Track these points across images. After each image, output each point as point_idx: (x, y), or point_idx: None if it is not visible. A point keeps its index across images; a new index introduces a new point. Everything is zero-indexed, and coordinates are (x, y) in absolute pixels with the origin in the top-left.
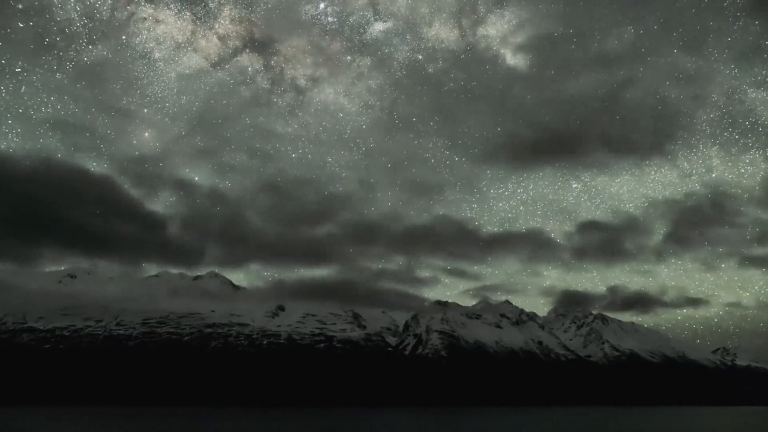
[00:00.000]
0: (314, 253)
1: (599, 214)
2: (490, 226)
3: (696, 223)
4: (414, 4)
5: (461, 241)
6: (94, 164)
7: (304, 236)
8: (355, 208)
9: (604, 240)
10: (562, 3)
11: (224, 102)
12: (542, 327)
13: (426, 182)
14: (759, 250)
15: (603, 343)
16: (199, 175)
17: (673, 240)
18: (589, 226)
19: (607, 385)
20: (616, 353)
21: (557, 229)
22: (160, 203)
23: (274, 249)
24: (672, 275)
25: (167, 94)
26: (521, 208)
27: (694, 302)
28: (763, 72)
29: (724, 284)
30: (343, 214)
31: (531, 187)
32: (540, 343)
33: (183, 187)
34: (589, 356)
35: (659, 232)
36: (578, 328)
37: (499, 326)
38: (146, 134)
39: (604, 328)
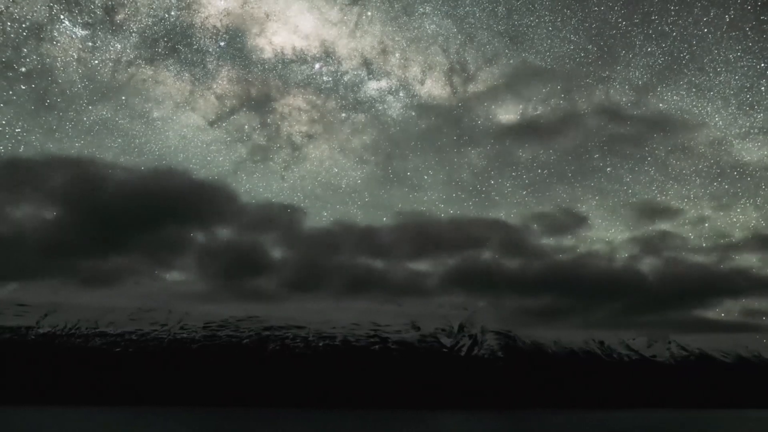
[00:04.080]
0: None
1: None
2: None
3: None
4: (406, 64)
5: None
6: None
7: None
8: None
9: None
10: (550, 59)
11: (221, 159)
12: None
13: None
14: None
15: (669, 342)
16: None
17: None
18: None
19: (675, 387)
20: (684, 353)
21: None
22: None
23: None
24: None
25: (165, 152)
26: None
27: None
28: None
29: None
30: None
31: None
32: (601, 342)
33: None
34: (655, 356)
35: None
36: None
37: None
38: None
39: None
